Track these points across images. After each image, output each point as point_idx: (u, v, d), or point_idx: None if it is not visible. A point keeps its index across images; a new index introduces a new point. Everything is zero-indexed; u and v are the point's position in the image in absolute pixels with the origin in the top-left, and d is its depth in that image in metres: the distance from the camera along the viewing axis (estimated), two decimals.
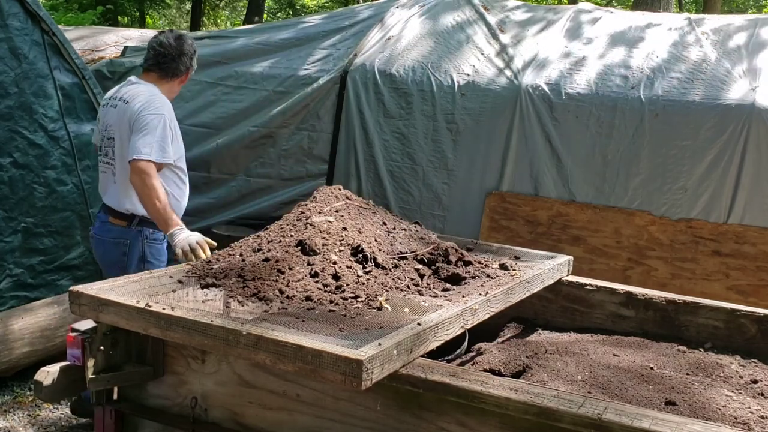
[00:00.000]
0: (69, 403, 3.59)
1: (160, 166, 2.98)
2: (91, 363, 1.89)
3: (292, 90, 4.55)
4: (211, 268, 2.10)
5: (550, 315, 2.78)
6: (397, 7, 5.03)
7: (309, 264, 2.02)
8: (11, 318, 3.86)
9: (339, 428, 1.83)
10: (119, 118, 3.07)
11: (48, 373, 1.94)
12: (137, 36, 7.62)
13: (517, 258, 2.62)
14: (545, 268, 2.54)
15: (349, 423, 1.81)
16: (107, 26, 11.58)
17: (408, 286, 2.07)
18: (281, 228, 2.24)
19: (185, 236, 2.73)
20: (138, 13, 19.31)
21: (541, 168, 4.08)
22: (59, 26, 4.46)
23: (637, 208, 3.92)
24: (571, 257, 2.83)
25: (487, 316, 2.10)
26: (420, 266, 2.20)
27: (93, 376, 1.90)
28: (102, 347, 1.90)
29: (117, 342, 1.95)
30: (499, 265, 2.43)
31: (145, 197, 2.87)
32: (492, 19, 4.73)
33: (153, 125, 2.96)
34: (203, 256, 2.56)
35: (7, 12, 3.95)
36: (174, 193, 3.13)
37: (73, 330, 1.96)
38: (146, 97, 3.05)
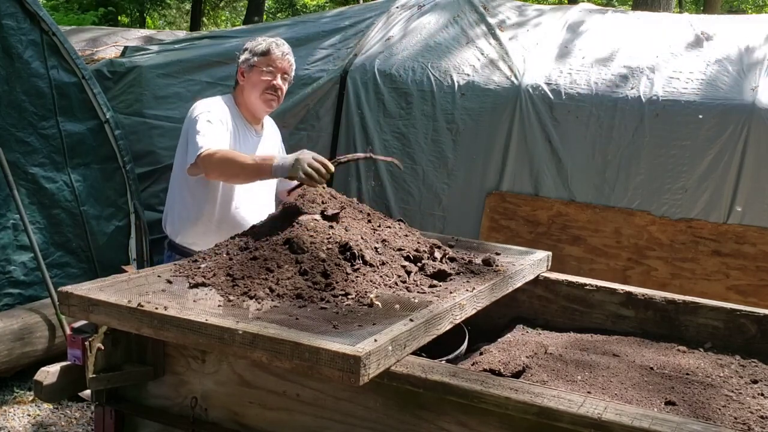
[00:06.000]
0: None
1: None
2: (91, 363, 1.89)
3: (292, 90, 4.54)
4: (199, 267, 2.10)
5: (550, 315, 2.78)
6: (397, 7, 5.03)
7: (298, 262, 2.03)
8: (11, 317, 3.86)
9: (339, 428, 1.83)
10: None
11: (48, 373, 1.94)
12: (138, 36, 7.63)
13: (497, 254, 2.64)
14: (526, 264, 2.58)
15: (349, 423, 1.82)
16: (108, 26, 11.60)
17: (396, 283, 2.08)
18: (267, 227, 2.25)
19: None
20: (138, 14, 19.34)
21: (541, 168, 4.08)
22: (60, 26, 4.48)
23: (637, 208, 3.92)
24: (549, 253, 2.85)
25: (474, 311, 2.12)
26: (406, 263, 2.21)
27: (93, 375, 1.90)
28: (102, 347, 1.91)
29: (117, 342, 1.95)
30: (483, 260, 2.45)
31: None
32: (492, 18, 4.74)
33: None
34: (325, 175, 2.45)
35: (3, 12, 3.97)
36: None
37: (74, 330, 1.96)
38: None
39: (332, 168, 2.50)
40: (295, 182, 2.63)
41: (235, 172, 2.73)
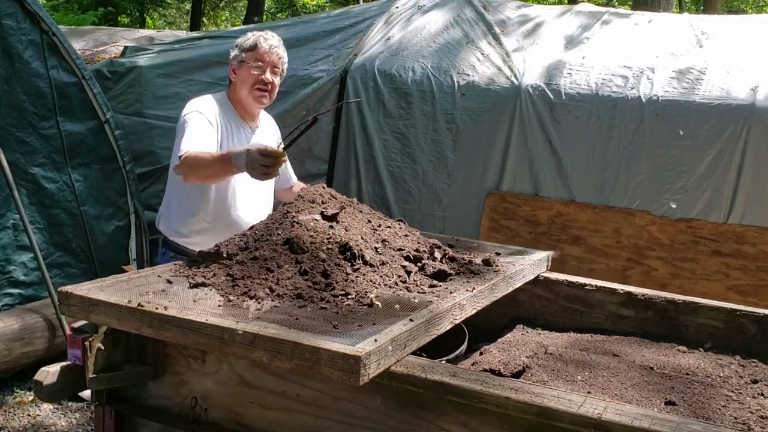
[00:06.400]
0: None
1: None
2: (91, 363, 1.89)
3: (292, 90, 4.55)
4: (199, 267, 2.10)
5: (550, 315, 2.78)
6: (397, 7, 5.03)
7: (298, 262, 2.03)
8: (11, 317, 3.86)
9: (339, 428, 1.83)
10: None
11: (48, 373, 1.94)
12: (138, 36, 7.62)
13: (498, 254, 2.64)
14: (526, 264, 2.58)
15: (349, 423, 1.82)
16: (108, 26, 11.60)
17: (396, 283, 2.08)
18: (267, 227, 2.25)
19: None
20: (138, 14, 19.35)
21: (541, 168, 4.08)
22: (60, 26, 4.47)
23: (637, 208, 3.92)
24: (550, 253, 2.84)
25: (474, 311, 2.12)
26: (406, 263, 2.21)
27: (93, 375, 1.90)
28: (102, 347, 1.91)
29: (117, 342, 1.95)
30: (483, 260, 2.45)
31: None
32: (492, 18, 4.74)
33: None
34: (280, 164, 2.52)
35: (3, 12, 3.96)
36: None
37: (74, 330, 1.96)
38: None
39: (282, 154, 2.53)
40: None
41: (204, 172, 2.77)
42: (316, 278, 1.98)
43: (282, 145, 2.57)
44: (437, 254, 2.35)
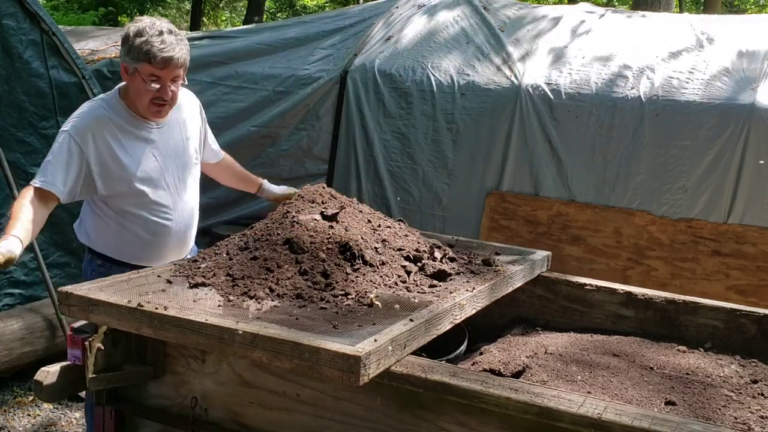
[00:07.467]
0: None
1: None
2: (91, 363, 1.89)
3: (292, 90, 4.55)
4: (199, 267, 2.10)
5: (550, 315, 2.78)
6: (397, 7, 5.03)
7: (297, 262, 2.03)
8: (11, 317, 3.86)
9: (339, 428, 1.83)
10: None
11: (48, 373, 1.94)
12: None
13: (498, 254, 2.64)
14: (526, 264, 2.58)
15: (349, 423, 1.82)
16: (108, 27, 11.60)
17: (396, 283, 2.08)
18: (267, 227, 2.25)
19: None
20: (138, 14, 19.37)
21: (541, 168, 4.08)
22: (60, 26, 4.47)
23: (637, 208, 3.92)
24: (549, 253, 2.84)
25: (474, 311, 2.12)
26: (406, 263, 2.21)
27: (93, 375, 1.90)
28: (102, 347, 1.91)
29: (117, 342, 1.95)
30: (482, 260, 2.45)
31: None
32: (492, 18, 4.74)
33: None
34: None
35: (3, 12, 3.97)
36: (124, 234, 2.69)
37: (74, 330, 1.96)
38: None
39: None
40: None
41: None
42: (316, 278, 1.98)
43: None
44: (437, 254, 2.35)
